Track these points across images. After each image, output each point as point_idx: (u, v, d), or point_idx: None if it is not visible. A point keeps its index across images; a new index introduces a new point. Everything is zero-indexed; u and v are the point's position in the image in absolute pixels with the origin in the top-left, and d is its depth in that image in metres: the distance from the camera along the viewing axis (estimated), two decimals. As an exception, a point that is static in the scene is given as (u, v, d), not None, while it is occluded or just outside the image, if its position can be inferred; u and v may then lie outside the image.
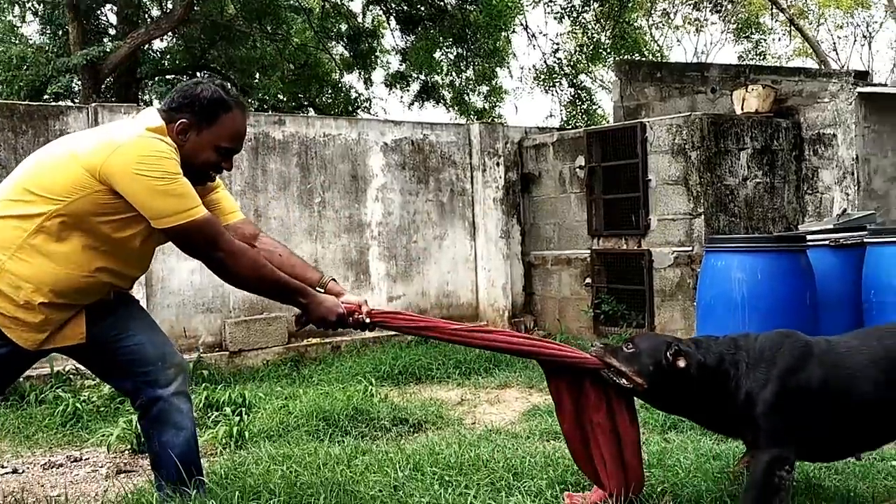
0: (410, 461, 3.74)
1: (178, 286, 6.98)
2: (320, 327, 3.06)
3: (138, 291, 6.70)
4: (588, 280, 8.48)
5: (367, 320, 3.10)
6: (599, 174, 8.31)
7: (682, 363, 3.01)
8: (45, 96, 13.01)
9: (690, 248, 7.46)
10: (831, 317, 4.99)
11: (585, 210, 8.45)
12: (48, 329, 2.74)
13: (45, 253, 2.69)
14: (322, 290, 3.14)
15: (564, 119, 15.09)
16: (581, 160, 8.47)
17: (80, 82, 12.86)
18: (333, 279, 3.27)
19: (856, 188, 7.79)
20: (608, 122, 13.57)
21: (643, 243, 7.87)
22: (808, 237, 5.11)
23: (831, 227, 5.22)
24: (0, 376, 2.85)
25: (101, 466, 4.41)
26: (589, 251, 8.45)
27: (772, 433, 2.96)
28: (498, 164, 8.83)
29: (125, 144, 2.65)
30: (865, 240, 4.81)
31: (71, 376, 6.32)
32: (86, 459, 4.56)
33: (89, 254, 2.73)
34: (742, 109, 8.15)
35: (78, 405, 5.46)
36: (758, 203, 7.80)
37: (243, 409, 5.33)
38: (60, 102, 12.74)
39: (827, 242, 5.10)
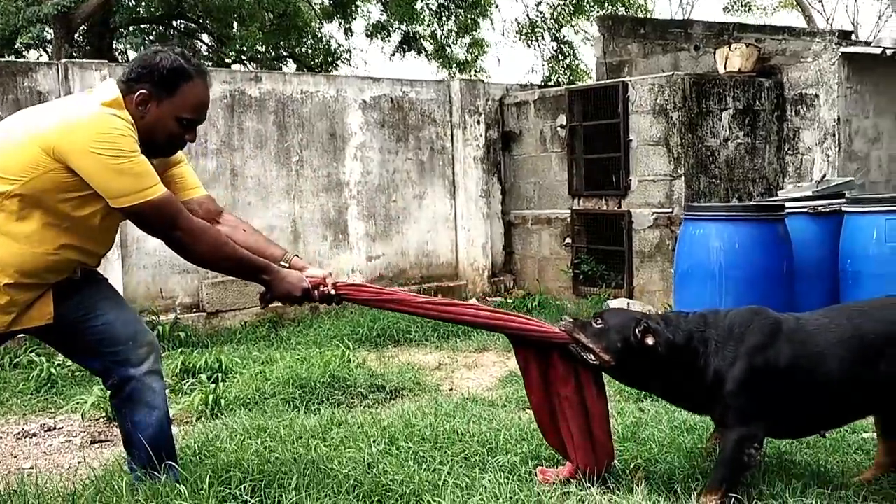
0: (386, 434, 3.75)
1: (153, 247, 6.89)
2: (285, 303, 3.02)
3: (114, 253, 6.62)
4: (568, 240, 8.46)
5: (333, 292, 3.06)
6: (580, 133, 8.24)
7: (650, 341, 3.01)
8: (17, 46, 12.69)
9: (670, 210, 7.44)
10: (808, 285, 5.00)
11: (566, 169, 8.39)
12: (14, 311, 2.68)
13: (7, 233, 2.62)
14: (286, 266, 3.08)
15: (546, 75, 14.92)
16: (562, 119, 8.39)
17: (51, 32, 12.55)
18: (297, 255, 3.22)
19: (836, 149, 7.77)
20: (591, 77, 13.44)
21: (623, 204, 7.84)
22: (787, 204, 5.09)
23: (810, 194, 5.20)
24: None
25: (75, 436, 4.39)
26: (569, 211, 8.41)
27: (741, 411, 2.97)
28: (479, 122, 8.73)
29: (80, 122, 2.58)
30: (843, 208, 4.80)
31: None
32: (60, 428, 4.53)
33: (52, 231, 2.67)
34: (725, 68, 8.06)
35: (53, 370, 5.42)
36: (738, 164, 7.76)
37: (219, 374, 5.33)
38: (31, 55, 12.44)
39: (805, 210, 5.08)
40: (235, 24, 15.03)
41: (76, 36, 12.34)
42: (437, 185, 8.65)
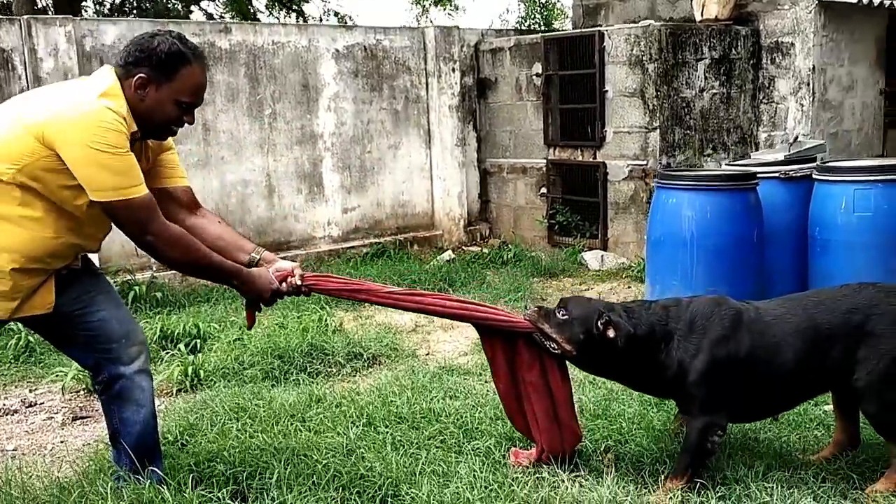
0: (364, 414, 3.83)
1: (127, 206, 6.84)
2: (260, 304, 3.05)
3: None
4: (543, 190, 8.49)
5: (300, 283, 3.08)
6: (556, 83, 8.18)
7: (611, 333, 3.09)
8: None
9: (645, 162, 7.47)
10: (779, 250, 5.09)
11: (542, 119, 8.36)
12: (18, 297, 2.70)
13: (11, 219, 2.66)
14: (257, 258, 3.11)
15: (522, 15, 14.67)
16: (538, 67, 8.31)
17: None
18: (265, 249, 3.22)
19: (811, 99, 7.79)
20: (568, 18, 13.25)
21: (599, 155, 7.85)
22: (759, 170, 5.14)
23: (782, 158, 5.24)
24: None
25: (57, 412, 4.43)
26: (545, 161, 8.42)
27: (704, 401, 3.08)
28: (454, 70, 8.63)
29: (73, 113, 2.60)
30: (814, 176, 4.85)
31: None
32: (41, 404, 4.57)
33: (55, 216, 2.71)
34: (702, 15, 7.98)
35: (31, 338, 5.43)
36: (713, 114, 7.78)
37: (198, 340, 5.37)
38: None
39: (777, 175, 5.14)
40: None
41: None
42: (412, 134, 8.59)
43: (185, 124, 2.87)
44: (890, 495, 3.02)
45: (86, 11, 14.84)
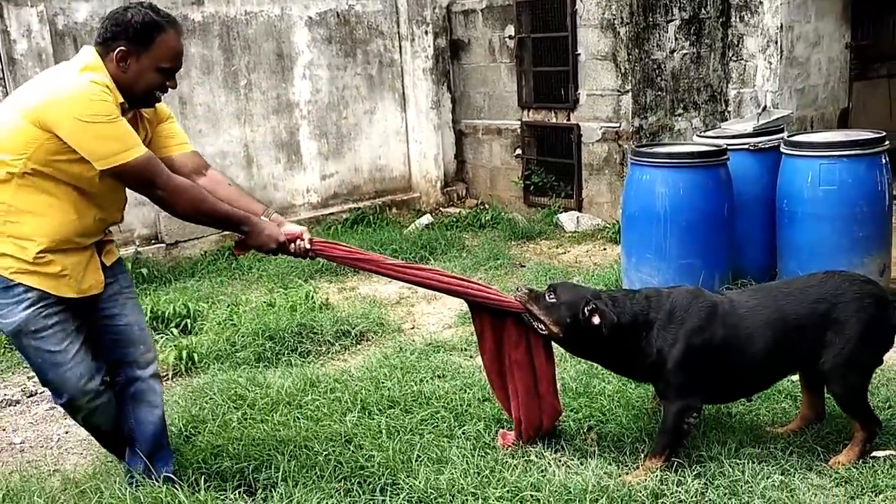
0: (357, 399, 4.02)
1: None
2: (261, 252, 3.24)
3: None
4: (518, 151, 8.61)
5: (308, 246, 3.25)
6: (529, 45, 8.24)
7: (596, 321, 3.29)
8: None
9: (618, 125, 7.61)
10: (749, 220, 5.28)
11: (515, 81, 8.44)
12: (67, 274, 2.91)
13: (34, 211, 2.84)
14: (266, 220, 3.25)
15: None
16: (511, 29, 8.36)
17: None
18: (276, 213, 3.40)
19: (779, 57, 7.92)
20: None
21: (572, 117, 7.97)
22: (729, 142, 5.30)
23: (751, 130, 5.40)
24: (75, 331, 2.98)
25: (58, 402, 4.57)
26: (519, 122, 8.52)
27: (680, 386, 3.30)
28: (426, 33, 8.64)
29: (61, 92, 2.75)
30: (782, 150, 5.03)
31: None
32: (41, 393, 4.70)
33: (72, 196, 2.88)
34: (672, -26, 8.03)
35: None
36: (684, 74, 7.90)
37: (188, 321, 5.50)
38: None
39: (746, 147, 5.31)
40: None
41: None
42: (388, 98, 8.64)
43: (170, 89, 3.02)
44: (851, 466, 3.28)
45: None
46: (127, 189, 3.04)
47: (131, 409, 3.22)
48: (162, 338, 5.22)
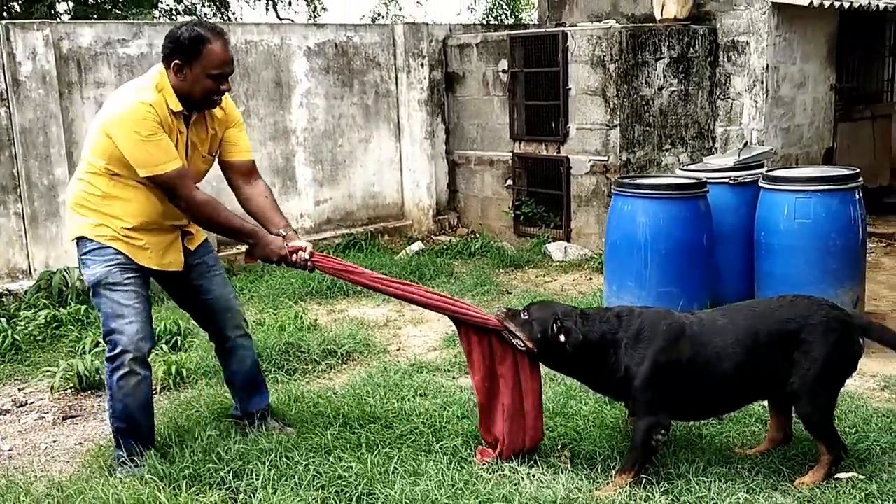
0: (340, 414, 4.12)
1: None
2: (265, 262, 3.77)
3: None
4: (509, 182, 8.78)
5: (307, 258, 3.66)
6: (522, 79, 8.45)
7: (562, 338, 3.45)
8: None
9: (606, 158, 7.79)
10: (727, 251, 5.42)
11: (508, 114, 8.63)
12: (149, 249, 3.60)
13: (125, 195, 3.53)
14: (282, 234, 3.72)
15: (489, 6, 14.82)
16: (504, 64, 8.57)
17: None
18: (293, 229, 3.86)
19: (764, 96, 8.13)
20: (535, 7, 13.45)
21: (562, 150, 8.15)
22: (709, 176, 5.46)
23: (731, 164, 5.57)
24: (146, 289, 3.65)
25: (47, 412, 4.67)
26: (511, 154, 8.70)
27: (648, 404, 3.42)
28: (422, 65, 8.85)
29: (117, 112, 3.41)
30: (760, 184, 5.19)
31: (2, 298, 6.45)
32: (31, 403, 4.80)
33: (140, 190, 3.51)
34: (661, 14, 8.27)
35: (16, 336, 5.64)
36: (672, 111, 8.10)
37: (178, 338, 5.61)
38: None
39: (727, 181, 5.47)
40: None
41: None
42: (383, 128, 8.82)
43: (225, 92, 3.54)
44: (815, 487, 3.38)
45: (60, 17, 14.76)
46: None
47: (225, 362, 4.00)
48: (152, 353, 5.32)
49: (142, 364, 3.56)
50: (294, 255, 3.65)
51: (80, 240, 3.60)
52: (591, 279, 7.21)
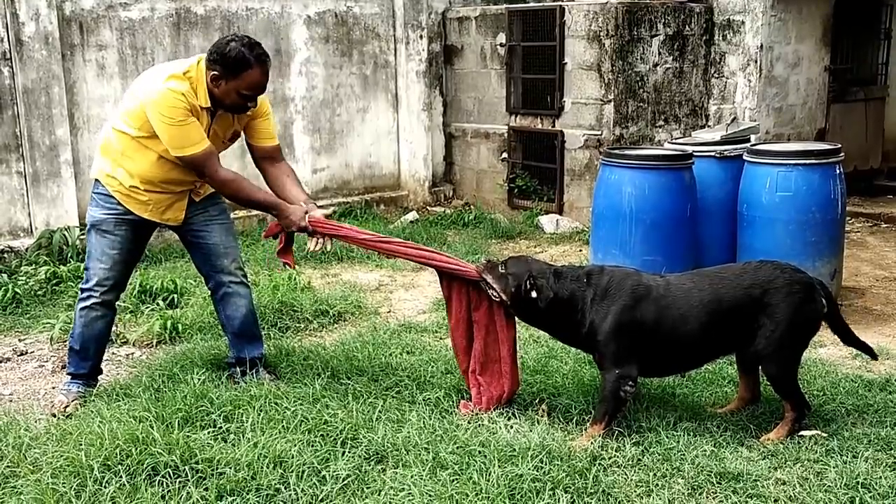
0: (328, 368, 4.28)
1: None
2: (289, 231, 4.09)
3: (67, 171, 6.89)
4: (504, 155, 8.90)
5: (306, 223, 3.99)
6: (519, 53, 8.55)
7: (533, 294, 3.63)
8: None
9: (600, 133, 7.91)
10: (712, 223, 5.56)
11: (504, 87, 8.74)
12: (151, 205, 3.97)
13: (134, 158, 3.88)
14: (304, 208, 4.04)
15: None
16: (502, 37, 8.66)
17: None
18: (314, 203, 4.22)
19: (758, 75, 8.24)
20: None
21: (557, 124, 8.27)
22: (696, 149, 5.59)
23: (719, 138, 5.70)
24: (136, 240, 4.06)
25: (46, 361, 4.83)
26: (506, 127, 8.82)
27: (613, 357, 3.60)
28: (421, 37, 8.94)
29: (151, 94, 3.73)
30: (744, 157, 5.32)
31: (4, 255, 6.59)
32: (31, 353, 4.96)
33: (161, 158, 3.85)
34: (659, -9, 8.35)
35: (17, 290, 5.79)
36: (666, 88, 8.21)
37: (175, 295, 5.76)
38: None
39: (713, 154, 5.60)
40: None
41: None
42: (381, 99, 8.93)
43: (252, 108, 3.88)
44: (779, 442, 3.54)
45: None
46: None
47: (221, 308, 4.22)
48: (147, 309, 5.48)
49: (105, 305, 4.06)
50: (312, 227, 3.98)
51: (96, 181, 4.02)
52: (580, 251, 7.35)
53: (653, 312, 3.55)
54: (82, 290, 4.06)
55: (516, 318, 3.91)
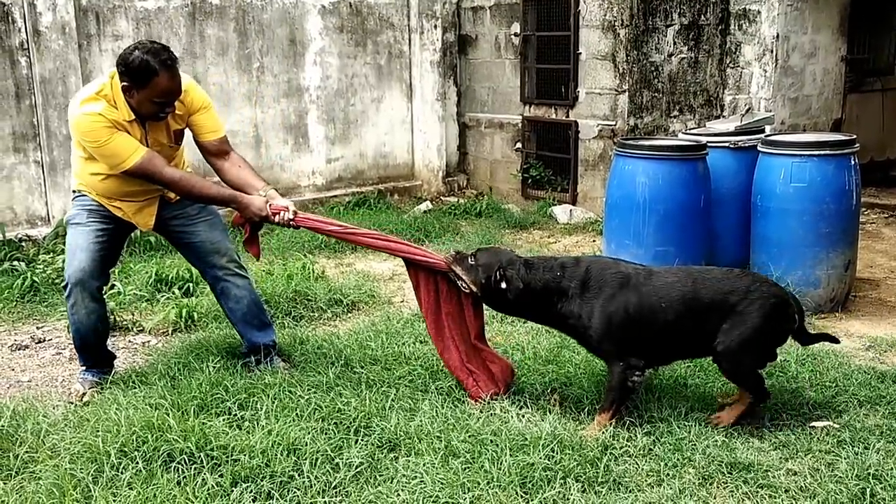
0: (342, 356, 4.32)
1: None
2: (252, 222, 3.97)
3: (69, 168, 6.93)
4: (518, 145, 8.90)
5: (290, 217, 3.88)
6: (533, 43, 8.54)
7: (503, 285, 3.66)
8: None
9: (614, 123, 7.89)
10: (726, 213, 5.55)
11: (518, 77, 8.73)
12: (121, 212, 3.99)
13: (96, 171, 3.87)
14: (263, 195, 3.95)
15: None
16: (516, 27, 8.65)
17: None
18: (273, 188, 4.07)
19: (774, 65, 8.19)
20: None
21: (571, 114, 8.25)
22: (711, 139, 5.58)
23: (733, 129, 5.68)
24: (113, 239, 4.02)
25: (64, 348, 4.88)
26: (520, 117, 8.81)
27: (612, 349, 3.61)
28: (436, 27, 8.94)
29: (74, 120, 3.73)
30: (759, 148, 5.30)
31: (22, 244, 6.66)
32: (49, 340, 5.02)
33: (113, 177, 3.84)
34: (674, -19, 8.30)
35: (35, 278, 5.85)
36: (681, 78, 8.17)
37: (190, 284, 5.80)
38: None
39: (727, 145, 5.59)
40: None
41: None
42: (395, 88, 8.94)
43: (170, 113, 3.80)
44: (790, 432, 3.55)
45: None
46: None
47: (223, 301, 4.23)
48: (163, 297, 5.53)
49: (90, 297, 3.91)
50: (276, 216, 3.87)
51: (75, 190, 4.06)
52: (594, 241, 7.35)
53: (635, 298, 3.57)
54: (64, 289, 3.99)
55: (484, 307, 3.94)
